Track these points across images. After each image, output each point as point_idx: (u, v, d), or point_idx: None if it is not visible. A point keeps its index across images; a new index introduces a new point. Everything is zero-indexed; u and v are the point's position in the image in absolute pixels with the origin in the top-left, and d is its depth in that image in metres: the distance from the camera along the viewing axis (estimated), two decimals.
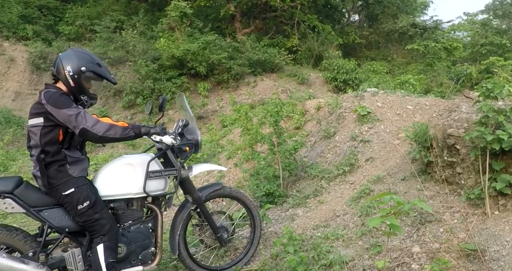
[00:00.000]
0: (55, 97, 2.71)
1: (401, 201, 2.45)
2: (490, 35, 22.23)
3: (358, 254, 3.15)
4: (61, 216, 2.81)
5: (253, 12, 15.69)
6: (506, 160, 3.09)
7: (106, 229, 2.81)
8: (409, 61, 18.21)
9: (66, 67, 2.78)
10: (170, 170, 3.14)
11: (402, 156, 4.46)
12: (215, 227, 3.46)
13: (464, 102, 4.09)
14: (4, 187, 2.67)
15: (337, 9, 19.50)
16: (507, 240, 2.73)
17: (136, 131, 2.87)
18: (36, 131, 2.73)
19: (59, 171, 2.77)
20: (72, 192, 2.75)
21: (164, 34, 12.27)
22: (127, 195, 2.99)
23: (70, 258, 2.83)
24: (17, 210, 2.71)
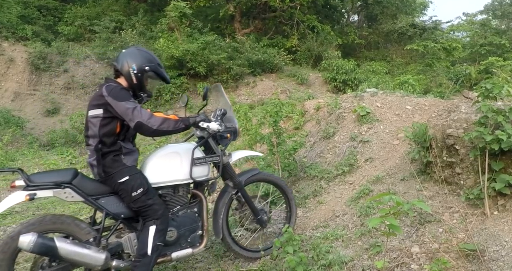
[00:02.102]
0: (116, 90, 2.87)
1: (400, 201, 2.44)
2: (489, 35, 22.27)
3: (357, 254, 3.15)
4: (116, 203, 2.97)
5: (252, 13, 15.70)
6: (505, 160, 3.10)
7: (159, 214, 2.97)
8: (409, 62, 18.23)
9: (131, 64, 2.97)
10: (213, 156, 3.31)
11: (402, 157, 4.46)
12: (256, 210, 3.61)
13: (463, 103, 4.10)
14: (64, 178, 2.83)
15: (336, 9, 19.52)
16: (506, 240, 2.73)
17: (185, 123, 3.04)
18: (95, 122, 2.88)
19: (115, 161, 2.93)
20: (127, 180, 2.90)
21: (163, 34, 12.27)
22: (174, 181, 3.16)
23: (127, 242, 2.99)
24: (76, 199, 2.86)
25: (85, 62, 12.28)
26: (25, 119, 10.50)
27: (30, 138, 9.84)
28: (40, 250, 2.64)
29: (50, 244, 2.65)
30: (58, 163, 8.13)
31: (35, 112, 11.02)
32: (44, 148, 9.66)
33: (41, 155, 8.90)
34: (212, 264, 3.64)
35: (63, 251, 2.68)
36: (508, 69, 13.27)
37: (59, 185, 2.80)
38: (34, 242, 2.60)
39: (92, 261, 2.78)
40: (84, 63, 12.24)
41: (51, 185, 2.78)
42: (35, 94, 11.41)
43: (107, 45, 12.32)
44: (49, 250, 2.66)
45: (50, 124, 10.75)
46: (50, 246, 2.65)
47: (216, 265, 3.61)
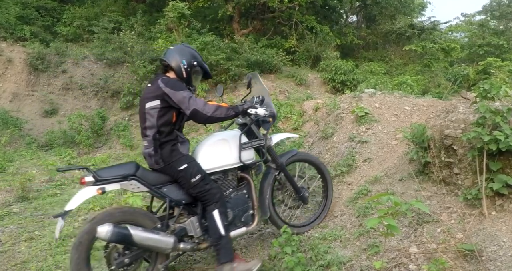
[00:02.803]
0: (173, 82, 3.10)
1: (398, 202, 2.45)
2: (487, 36, 22.29)
3: (355, 254, 3.15)
4: (177, 190, 3.20)
5: (251, 13, 15.69)
6: (503, 161, 3.10)
7: (217, 197, 3.20)
8: (407, 62, 18.23)
9: (181, 59, 3.22)
10: (258, 140, 3.58)
11: (400, 157, 4.47)
12: (298, 188, 3.91)
13: (462, 103, 4.10)
14: (128, 171, 3.03)
15: (335, 10, 19.51)
16: (504, 241, 2.73)
17: (235, 110, 3.26)
18: (153, 113, 3.07)
19: (173, 150, 3.13)
20: (185, 167, 3.12)
21: (162, 35, 12.25)
22: (225, 166, 3.41)
23: (190, 226, 3.23)
24: (142, 189, 3.09)
25: (83, 63, 12.25)
26: (23, 120, 10.47)
27: (28, 139, 9.82)
28: (117, 238, 2.87)
29: (125, 232, 2.88)
30: (56, 163, 8.13)
31: (33, 113, 11.00)
32: (42, 149, 9.65)
33: (39, 156, 8.89)
34: (210, 265, 3.63)
35: (137, 237, 2.91)
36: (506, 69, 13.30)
37: (125, 178, 3.01)
38: (111, 231, 2.82)
39: (163, 245, 3.03)
40: (82, 64, 12.21)
41: (118, 178, 3.00)
42: (33, 94, 11.39)
43: (105, 46, 12.30)
44: (125, 238, 2.89)
45: (48, 124, 10.73)
46: (125, 234, 2.88)
47: (214, 265, 3.61)
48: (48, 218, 5.16)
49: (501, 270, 2.51)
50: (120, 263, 2.99)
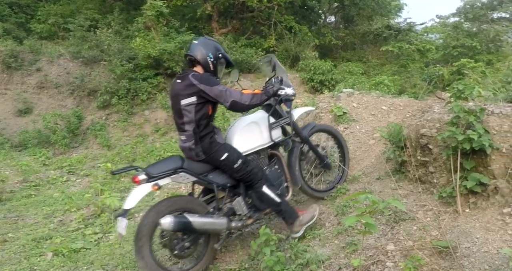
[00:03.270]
0: (206, 77, 3.23)
1: (376, 200, 2.48)
2: (461, 37, 22.81)
3: (334, 253, 3.18)
4: (221, 175, 3.43)
5: (230, 12, 15.65)
6: (476, 159, 3.18)
7: (260, 175, 3.46)
8: (384, 62, 18.52)
9: (207, 53, 3.32)
10: (284, 118, 3.83)
11: (377, 156, 4.53)
12: (321, 156, 4.17)
13: (436, 103, 4.19)
14: (176, 165, 3.23)
15: (313, 10, 19.65)
16: (477, 237, 2.80)
17: (267, 94, 3.47)
18: (190, 109, 3.20)
19: (212, 142, 3.31)
20: (227, 156, 3.33)
21: (140, 33, 12.10)
22: (259, 147, 3.68)
23: (237, 205, 3.50)
24: (190, 179, 3.31)
25: (58, 61, 11.99)
26: None
27: (1, 139, 9.57)
28: (179, 227, 3.14)
29: (185, 221, 3.15)
30: (30, 164, 7.94)
31: (6, 112, 10.71)
32: (15, 149, 9.41)
33: (12, 156, 8.67)
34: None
35: (196, 224, 3.18)
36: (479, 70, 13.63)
37: (175, 171, 3.21)
38: (173, 222, 3.09)
39: (219, 227, 3.33)
40: (58, 62, 11.95)
41: (169, 172, 3.19)
42: (6, 93, 11.09)
43: (81, 44, 12.07)
44: (186, 225, 3.15)
45: (22, 124, 10.47)
46: (185, 222, 3.15)
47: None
48: (22, 219, 5.04)
49: (474, 265, 2.57)
50: (182, 248, 3.28)
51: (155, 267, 3.12)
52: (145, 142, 9.84)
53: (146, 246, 3.10)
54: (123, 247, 4.33)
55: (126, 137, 10.16)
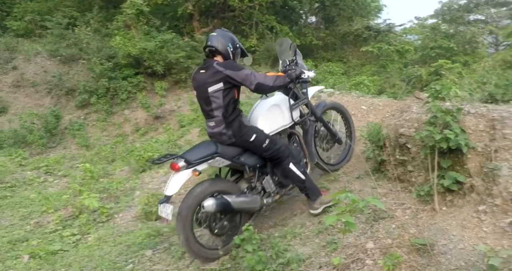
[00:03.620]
0: (231, 63, 3.44)
1: (356, 199, 2.51)
2: (439, 39, 23.23)
3: (314, 251, 3.20)
4: (251, 157, 3.67)
5: (211, 12, 15.58)
6: (453, 158, 3.25)
7: (287, 153, 3.71)
8: (364, 63, 18.73)
9: (227, 43, 3.51)
10: (302, 99, 4.12)
11: (357, 155, 4.58)
12: (333, 132, 4.53)
13: (415, 103, 4.26)
14: (211, 150, 3.43)
15: (294, 10, 19.74)
16: (454, 234, 2.86)
17: (290, 77, 3.73)
18: (218, 95, 3.39)
19: (240, 125, 3.51)
20: (256, 137, 3.54)
21: (119, 32, 11.93)
22: (282, 127, 3.95)
23: (267, 184, 3.78)
24: (225, 163, 3.53)
25: (35, 59, 11.71)
26: None
27: None
28: (221, 208, 3.34)
29: (224, 202, 3.37)
30: (6, 164, 7.75)
31: None
32: None
33: None
34: (170, 265, 3.60)
35: (234, 204, 3.42)
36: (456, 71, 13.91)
37: (212, 156, 3.41)
38: (215, 204, 3.30)
39: (254, 204, 3.61)
40: (34, 60, 11.68)
41: (207, 158, 3.38)
42: None
43: (59, 42, 11.81)
44: (226, 206, 3.37)
45: None
46: (225, 203, 3.37)
47: (175, 266, 3.58)
48: None
49: (451, 262, 2.62)
50: (221, 227, 3.52)
51: (198, 247, 3.37)
52: (125, 142, 9.71)
53: (188, 229, 3.30)
54: (102, 248, 4.27)
55: (105, 137, 10.01)
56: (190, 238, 3.32)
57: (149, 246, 4.09)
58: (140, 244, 4.18)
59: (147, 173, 6.90)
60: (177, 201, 5.28)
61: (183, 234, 3.28)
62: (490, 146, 3.12)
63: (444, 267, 2.58)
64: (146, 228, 4.57)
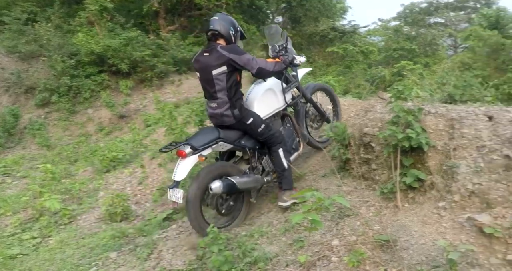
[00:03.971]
0: (234, 47, 3.62)
1: (321, 197, 2.55)
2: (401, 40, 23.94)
3: (281, 250, 3.22)
4: (250, 140, 3.92)
5: (177, 10, 15.38)
6: (415, 157, 3.35)
7: (280, 139, 3.96)
8: (330, 63, 19.04)
9: (229, 27, 3.67)
10: (293, 82, 4.34)
11: (323, 154, 4.64)
12: (322, 112, 4.79)
13: (378, 103, 4.38)
14: (214, 135, 3.64)
15: (261, 10, 19.77)
16: (415, 230, 2.95)
17: (285, 62, 3.94)
18: (222, 78, 3.57)
19: (241, 107, 3.71)
20: (252, 120, 3.75)
21: (82, 28, 11.58)
22: (276, 110, 4.17)
23: (266, 163, 4.08)
24: (227, 147, 3.77)
25: None
26: None
27: None
28: (227, 189, 3.58)
29: (230, 183, 3.60)
30: None
31: None
32: None
33: None
34: (135, 267, 3.53)
35: (239, 184, 3.66)
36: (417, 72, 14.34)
37: (216, 142, 3.62)
38: (222, 185, 3.53)
39: (256, 183, 3.90)
40: None
41: (211, 143, 3.60)
42: None
43: (18, 38, 11.34)
44: (232, 187, 3.61)
45: None
46: (231, 184, 3.60)
47: (140, 268, 3.51)
48: None
49: (413, 257, 2.71)
50: (227, 206, 3.79)
51: (207, 226, 3.40)
52: (88, 141, 9.44)
53: (197, 210, 3.52)
54: (64, 251, 4.14)
55: (68, 137, 9.70)
56: (200, 219, 3.54)
57: (113, 248, 4.01)
58: (104, 246, 4.09)
59: (112, 173, 6.75)
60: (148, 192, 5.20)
61: (193, 216, 3.50)
62: (449, 144, 3.24)
63: (406, 262, 2.66)
64: (110, 230, 4.48)
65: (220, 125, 3.79)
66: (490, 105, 3.80)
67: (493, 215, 2.66)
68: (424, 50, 25.44)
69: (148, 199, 5.61)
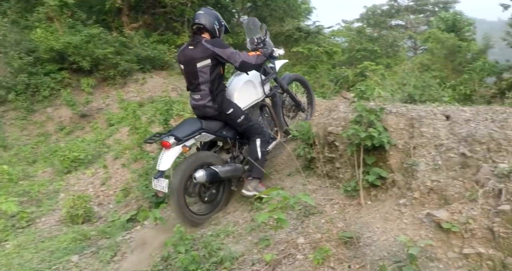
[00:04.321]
0: (219, 41, 3.74)
1: (287, 196, 2.57)
2: (364, 41, 24.50)
3: (247, 249, 3.23)
4: (231, 131, 4.04)
5: (141, 7, 15.10)
6: (377, 155, 3.44)
7: (259, 130, 4.08)
8: (295, 63, 19.24)
9: (214, 21, 3.80)
10: (271, 74, 4.54)
11: (288, 153, 4.69)
12: (297, 101, 5.00)
13: (342, 102, 4.47)
14: (198, 126, 3.76)
15: (227, 9, 19.72)
16: (378, 227, 3.04)
17: (265, 55, 4.06)
18: (205, 70, 3.69)
19: (223, 98, 3.85)
20: (232, 111, 3.88)
21: (41, 24, 11.15)
22: (255, 101, 4.33)
23: (246, 152, 4.19)
24: (209, 137, 3.92)
25: None
26: None
27: None
28: (210, 178, 3.71)
29: (213, 172, 3.71)
30: None
31: None
32: None
33: None
34: (98, 270, 3.44)
35: (222, 173, 3.77)
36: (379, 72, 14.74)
37: (199, 132, 3.74)
38: (205, 174, 3.65)
39: (238, 172, 4.03)
40: None
41: (194, 134, 3.71)
42: None
43: None
44: (215, 176, 3.72)
45: None
46: (214, 173, 3.71)
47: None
48: None
49: (375, 253, 2.78)
50: (210, 194, 3.94)
51: (191, 215, 3.75)
52: (48, 141, 9.12)
53: (182, 199, 3.62)
54: (22, 256, 3.99)
55: (25, 137, 9.33)
56: (183, 207, 3.66)
57: (75, 251, 3.90)
58: (65, 249, 3.97)
59: (73, 174, 6.55)
60: None
61: (177, 205, 3.60)
62: (409, 143, 3.35)
63: (369, 258, 2.73)
64: (71, 232, 4.35)
65: (202, 116, 3.91)
66: (447, 105, 3.96)
67: (450, 210, 2.77)
68: (385, 51, 26.17)
69: (111, 200, 5.49)
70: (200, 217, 3.91)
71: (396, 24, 32.39)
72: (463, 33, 16.61)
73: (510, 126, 3.00)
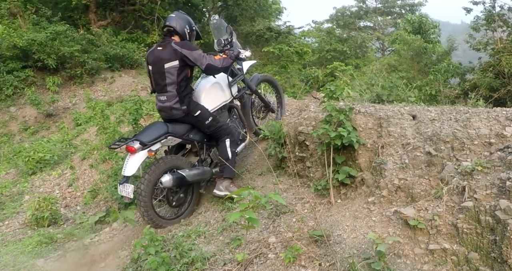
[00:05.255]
0: (187, 44, 3.78)
1: (258, 195, 2.58)
2: (334, 42, 24.83)
3: (219, 249, 3.23)
4: (198, 133, 4.03)
5: (109, 4, 14.80)
6: (346, 154, 3.50)
7: (228, 131, 4.11)
8: (266, 63, 19.32)
9: (185, 25, 3.84)
10: (239, 76, 4.52)
11: (259, 153, 4.70)
12: (267, 102, 5.02)
13: (312, 102, 4.52)
14: (164, 130, 3.74)
15: (197, 8, 19.58)
16: (347, 225, 3.09)
17: (232, 57, 4.06)
18: (173, 72, 3.71)
19: (190, 100, 3.86)
20: (200, 113, 3.88)
21: (3, 20, 10.75)
22: (223, 103, 4.31)
23: (214, 155, 4.21)
24: (176, 141, 3.90)
25: None
26: None
27: None
28: (177, 182, 3.72)
29: (180, 176, 3.72)
30: None
31: None
32: None
33: None
34: None
35: (189, 177, 3.78)
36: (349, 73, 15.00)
37: (165, 136, 3.72)
38: (171, 179, 3.65)
39: (206, 176, 4.04)
40: None
41: (160, 138, 3.69)
42: None
43: None
44: (182, 180, 3.74)
45: None
46: (181, 177, 3.72)
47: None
48: None
49: (345, 251, 2.83)
50: (178, 199, 3.94)
51: (158, 219, 3.74)
52: (11, 142, 8.80)
53: (149, 204, 3.61)
54: None
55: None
56: (151, 211, 3.65)
57: (40, 255, 3.79)
58: (30, 253, 3.86)
59: (38, 175, 6.35)
60: None
61: (145, 209, 3.59)
62: (377, 142, 3.42)
63: (339, 256, 2.77)
64: (37, 235, 4.22)
65: (169, 119, 3.90)
66: (414, 105, 4.06)
67: (417, 208, 2.84)
68: (355, 52, 26.65)
69: (79, 202, 5.36)
70: (168, 221, 3.89)
71: (365, 26, 32.99)
72: (428, 35, 17.06)
73: (473, 126, 3.11)
